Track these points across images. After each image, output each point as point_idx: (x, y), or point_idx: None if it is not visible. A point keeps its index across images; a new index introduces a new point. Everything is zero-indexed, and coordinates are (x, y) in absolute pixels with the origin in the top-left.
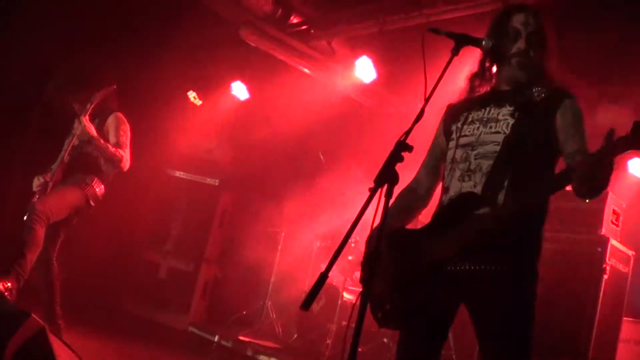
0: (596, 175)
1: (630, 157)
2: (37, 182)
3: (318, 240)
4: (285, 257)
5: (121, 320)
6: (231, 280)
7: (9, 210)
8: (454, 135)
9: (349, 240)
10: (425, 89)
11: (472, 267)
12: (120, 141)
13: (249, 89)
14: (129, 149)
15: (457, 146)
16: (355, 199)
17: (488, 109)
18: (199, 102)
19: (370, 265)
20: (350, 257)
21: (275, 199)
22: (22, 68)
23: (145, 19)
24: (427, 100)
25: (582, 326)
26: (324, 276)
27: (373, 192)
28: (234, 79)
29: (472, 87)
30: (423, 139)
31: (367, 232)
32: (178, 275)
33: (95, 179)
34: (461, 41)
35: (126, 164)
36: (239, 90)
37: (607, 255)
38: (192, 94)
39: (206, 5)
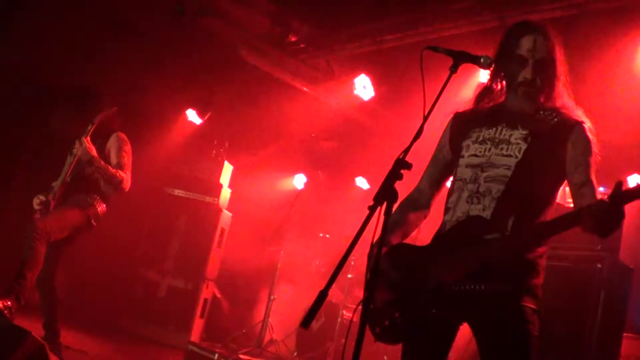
0: (606, 224)
1: (630, 174)
2: (37, 201)
3: (317, 258)
4: (285, 275)
5: (120, 338)
6: (230, 299)
7: (7, 227)
8: (463, 152)
9: (349, 258)
10: (424, 107)
11: (474, 287)
12: (121, 162)
13: (248, 108)
14: (130, 169)
15: (466, 165)
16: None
17: (499, 128)
18: (198, 121)
19: (370, 282)
20: (349, 275)
21: (275, 218)
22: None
23: (143, 38)
24: (425, 118)
25: (582, 343)
26: (323, 294)
27: (372, 210)
28: (233, 98)
29: (480, 100)
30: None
31: (367, 250)
32: (177, 294)
33: (97, 198)
34: (460, 59)
35: (127, 184)
36: (238, 109)
37: (607, 272)
38: (191, 112)
39: (204, 24)
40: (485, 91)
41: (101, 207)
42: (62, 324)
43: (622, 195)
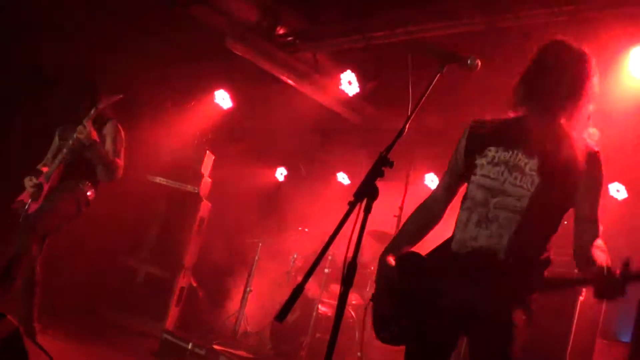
0: (613, 295)
1: (611, 182)
2: (30, 183)
3: (295, 252)
4: (262, 267)
5: (95, 325)
6: (207, 289)
7: None
8: (477, 171)
9: (326, 253)
10: (410, 105)
11: (472, 299)
12: (117, 150)
13: (233, 98)
14: (124, 158)
15: (477, 185)
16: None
17: (515, 152)
18: (182, 109)
19: (378, 289)
20: (326, 270)
21: (255, 210)
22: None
23: (130, 28)
24: (408, 118)
25: (557, 347)
26: (299, 288)
27: (352, 206)
28: (218, 87)
29: (493, 116)
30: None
31: (345, 245)
32: (154, 282)
33: (89, 184)
34: (446, 59)
35: (121, 172)
36: (223, 98)
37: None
38: (175, 101)
39: (192, 14)
40: (514, 107)
41: (91, 192)
42: (38, 308)
43: (633, 276)
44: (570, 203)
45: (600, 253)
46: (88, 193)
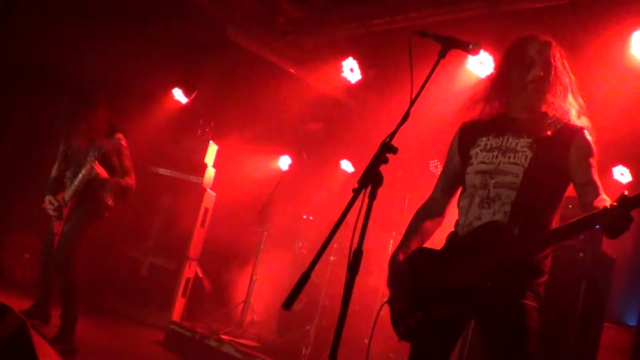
0: (618, 227)
1: (615, 165)
2: (51, 207)
3: (300, 240)
4: (267, 256)
5: (102, 316)
6: (212, 279)
7: None
8: (472, 160)
9: (332, 241)
10: (412, 92)
11: (481, 285)
12: (126, 168)
13: (236, 88)
14: (133, 170)
15: (475, 172)
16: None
17: (506, 137)
18: (184, 100)
19: (392, 288)
20: (332, 258)
21: (259, 199)
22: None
23: (131, 16)
24: (412, 102)
25: (563, 332)
26: (306, 276)
27: (357, 193)
28: (220, 77)
29: (480, 113)
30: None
31: (350, 233)
32: (159, 273)
33: (106, 195)
34: (448, 44)
35: (134, 187)
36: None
37: (589, 261)
38: (177, 92)
39: (193, 4)
40: (486, 103)
41: (111, 201)
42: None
43: (630, 202)
44: (565, 175)
45: (603, 201)
46: (109, 202)
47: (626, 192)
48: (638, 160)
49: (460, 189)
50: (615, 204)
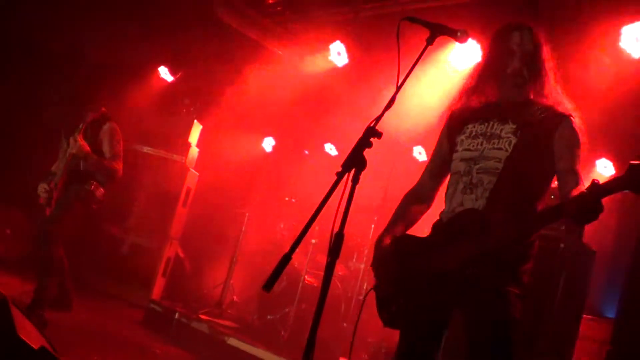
0: (586, 216)
1: (599, 157)
2: (43, 190)
3: (282, 222)
4: (249, 237)
5: (82, 293)
6: (193, 259)
7: None
8: (458, 147)
9: (313, 223)
10: (398, 77)
11: (463, 272)
12: (115, 152)
13: (221, 67)
14: (122, 158)
15: (460, 159)
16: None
17: (491, 123)
18: (170, 78)
19: (376, 272)
20: (313, 241)
21: (242, 180)
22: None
23: None
24: (398, 88)
25: (541, 323)
26: (286, 258)
27: (340, 176)
28: (206, 56)
29: (468, 101)
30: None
31: (333, 216)
32: (140, 252)
33: (95, 183)
34: (436, 31)
35: (120, 173)
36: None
37: (569, 252)
38: (163, 70)
39: None
40: (472, 92)
41: (99, 191)
42: (26, 278)
43: (600, 189)
44: (548, 163)
45: (579, 191)
46: (97, 193)
47: (598, 180)
48: (622, 154)
49: (448, 176)
50: (584, 191)
